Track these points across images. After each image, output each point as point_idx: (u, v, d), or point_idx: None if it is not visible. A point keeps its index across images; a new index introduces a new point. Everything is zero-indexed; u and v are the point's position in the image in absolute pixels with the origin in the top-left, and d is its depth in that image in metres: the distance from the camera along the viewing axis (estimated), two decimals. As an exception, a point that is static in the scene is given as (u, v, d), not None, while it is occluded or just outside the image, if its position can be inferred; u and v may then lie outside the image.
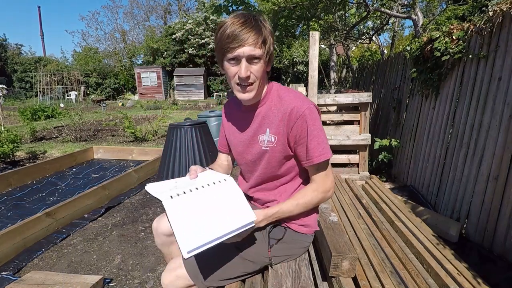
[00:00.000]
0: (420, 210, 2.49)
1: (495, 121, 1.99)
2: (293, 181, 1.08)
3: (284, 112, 0.96)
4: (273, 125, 0.99)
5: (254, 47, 0.87)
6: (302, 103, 0.95)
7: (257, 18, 0.90)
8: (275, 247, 1.05)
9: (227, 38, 0.87)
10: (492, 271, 1.75)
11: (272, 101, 1.01)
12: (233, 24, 0.87)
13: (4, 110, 10.68)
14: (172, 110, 11.58)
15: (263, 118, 1.01)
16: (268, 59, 0.93)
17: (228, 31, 0.86)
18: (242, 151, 1.10)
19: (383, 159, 3.57)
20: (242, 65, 0.89)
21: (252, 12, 0.97)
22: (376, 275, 1.56)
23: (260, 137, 1.02)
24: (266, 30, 0.90)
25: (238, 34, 0.86)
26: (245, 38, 0.86)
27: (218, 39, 0.91)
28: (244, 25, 0.86)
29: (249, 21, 0.88)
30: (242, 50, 0.87)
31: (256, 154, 1.05)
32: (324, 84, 11.41)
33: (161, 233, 1.17)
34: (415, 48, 3.02)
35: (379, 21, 6.84)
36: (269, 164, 1.03)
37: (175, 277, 0.96)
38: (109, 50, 26.63)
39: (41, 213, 2.28)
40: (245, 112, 1.06)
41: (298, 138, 0.96)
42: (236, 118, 1.12)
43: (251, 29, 0.87)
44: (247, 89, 0.94)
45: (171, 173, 3.09)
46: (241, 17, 0.88)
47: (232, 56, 0.89)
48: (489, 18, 2.10)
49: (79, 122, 6.47)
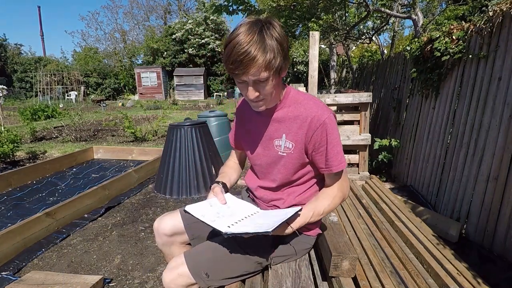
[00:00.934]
0: (420, 210, 2.49)
1: (495, 121, 1.99)
2: (303, 185, 1.09)
3: (304, 120, 0.96)
4: (291, 132, 0.99)
5: (258, 72, 0.83)
6: (323, 112, 0.95)
7: (262, 30, 0.82)
8: (278, 248, 1.05)
9: (231, 64, 0.83)
10: (492, 271, 1.75)
11: (290, 106, 1.00)
12: (238, 46, 0.80)
13: (4, 110, 10.68)
14: (172, 110, 11.59)
15: (280, 123, 1.01)
16: (279, 71, 0.87)
17: (232, 54, 0.81)
18: (258, 153, 1.10)
19: (383, 159, 3.57)
20: (249, 89, 0.88)
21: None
22: (376, 275, 1.56)
23: (275, 141, 1.02)
24: (273, 41, 0.82)
25: (241, 62, 0.80)
26: (248, 64, 0.81)
27: (224, 57, 0.86)
28: (247, 51, 0.79)
29: (254, 41, 0.80)
30: (246, 77, 0.84)
31: (271, 157, 1.05)
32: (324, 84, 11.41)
33: (162, 233, 1.17)
34: (415, 48, 3.02)
35: (379, 21, 6.84)
36: (284, 169, 1.04)
37: (176, 275, 0.96)
38: (109, 50, 26.64)
39: (41, 213, 2.28)
40: (262, 115, 1.05)
41: (317, 146, 0.97)
42: (252, 119, 1.11)
43: (254, 53, 0.80)
44: (258, 103, 0.94)
45: (171, 173, 3.10)
46: (246, 35, 0.80)
47: (239, 81, 0.88)
48: (489, 18, 2.10)
49: (79, 122, 6.47)
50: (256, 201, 1.19)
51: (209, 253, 0.99)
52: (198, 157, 3.11)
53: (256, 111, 1.06)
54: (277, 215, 0.96)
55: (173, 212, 1.21)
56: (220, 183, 1.12)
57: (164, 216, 1.19)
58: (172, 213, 1.21)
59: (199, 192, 3.09)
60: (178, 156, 3.08)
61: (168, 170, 3.12)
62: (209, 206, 1.02)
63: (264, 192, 1.13)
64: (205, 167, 3.14)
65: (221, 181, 1.14)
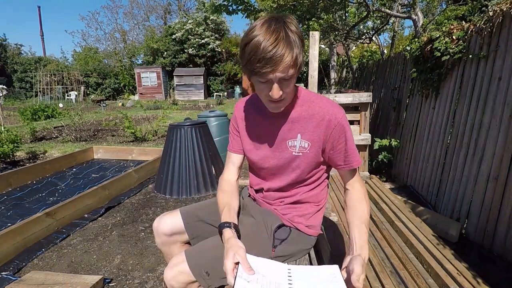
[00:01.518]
0: (420, 210, 2.49)
1: (495, 121, 1.99)
2: (313, 183, 1.09)
3: (321, 118, 0.97)
4: (307, 131, 0.98)
5: (287, 69, 0.80)
6: (338, 110, 0.97)
7: (287, 28, 0.80)
8: (278, 247, 1.05)
9: (258, 62, 0.78)
10: (492, 271, 1.75)
11: (303, 105, 1.00)
12: (264, 41, 0.77)
13: (4, 110, 10.68)
14: (172, 110, 11.57)
15: (293, 123, 1.00)
16: (298, 69, 0.86)
17: (259, 52, 0.78)
18: (267, 155, 1.07)
19: (383, 159, 3.57)
20: (273, 88, 0.85)
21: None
22: (376, 275, 1.56)
23: (289, 142, 1.01)
24: (297, 42, 0.81)
25: (270, 58, 0.77)
26: (277, 62, 0.78)
27: (246, 58, 0.81)
28: (276, 46, 0.77)
29: (281, 38, 0.78)
30: (274, 75, 0.81)
31: (285, 159, 1.03)
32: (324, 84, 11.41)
33: (161, 232, 1.17)
34: (415, 48, 3.02)
35: (379, 21, 6.84)
36: (299, 169, 1.03)
37: (177, 272, 0.96)
38: (109, 50, 26.65)
39: (41, 213, 2.28)
40: (271, 116, 1.02)
41: (335, 144, 0.98)
42: (258, 122, 1.08)
43: (283, 49, 0.78)
44: (278, 105, 0.92)
45: (171, 173, 3.10)
46: (272, 33, 0.78)
47: (263, 80, 0.84)
48: (489, 18, 2.10)
49: (79, 122, 6.47)
50: (258, 200, 1.18)
51: (210, 252, 0.99)
52: (198, 157, 3.11)
53: (262, 115, 1.05)
54: (325, 280, 0.80)
55: (173, 211, 1.21)
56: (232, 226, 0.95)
57: (164, 216, 1.19)
58: (171, 212, 1.20)
59: (199, 192, 3.09)
60: (178, 156, 3.08)
61: (168, 170, 3.12)
62: (247, 283, 0.81)
63: (269, 192, 1.12)
64: (205, 167, 3.14)
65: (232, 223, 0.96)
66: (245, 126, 1.11)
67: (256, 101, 1.09)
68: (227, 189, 1.11)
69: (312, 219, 1.10)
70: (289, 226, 1.08)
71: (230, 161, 1.16)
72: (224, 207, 1.03)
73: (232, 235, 0.92)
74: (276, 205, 1.11)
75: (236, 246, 0.86)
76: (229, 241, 0.89)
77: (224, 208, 1.02)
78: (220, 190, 1.12)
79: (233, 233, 0.93)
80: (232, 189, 1.11)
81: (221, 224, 0.96)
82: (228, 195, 1.09)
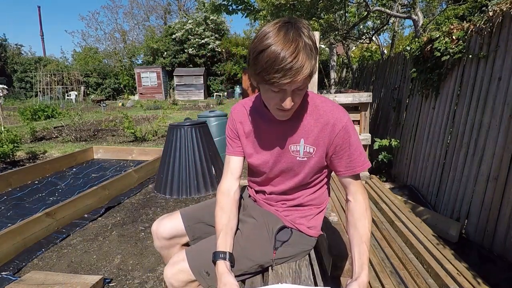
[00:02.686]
0: (420, 210, 2.49)
1: (495, 121, 1.99)
2: (314, 187, 1.08)
3: (325, 123, 0.94)
4: (311, 136, 0.96)
5: (304, 80, 0.78)
6: (343, 114, 0.95)
7: (305, 38, 0.76)
8: (279, 250, 1.04)
9: (276, 72, 0.74)
10: (492, 271, 1.75)
11: (307, 110, 0.97)
12: (283, 52, 0.73)
13: (4, 110, 10.68)
14: (172, 110, 11.58)
15: (297, 128, 0.97)
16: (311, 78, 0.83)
17: (278, 64, 0.73)
18: (268, 160, 1.04)
19: (383, 159, 3.57)
20: (286, 98, 0.81)
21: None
22: (376, 275, 1.56)
23: (291, 147, 0.99)
24: (314, 51, 0.78)
25: (289, 69, 0.74)
26: (297, 73, 0.75)
27: (261, 66, 0.76)
28: (296, 57, 0.73)
29: (301, 48, 0.74)
30: (290, 86, 0.78)
31: (288, 163, 1.01)
32: (324, 84, 11.41)
33: (160, 236, 1.16)
34: (415, 48, 3.02)
35: (379, 21, 6.84)
36: (303, 173, 1.02)
37: (177, 270, 0.96)
38: (109, 50, 26.62)
39: (41, 213, 2.28)
40: (273, 120, 0.99)
41: (338, 149, 0.95)
42: (260, 125, 1.04)
43: (303, 61, 0.74)
44: (287, 113, 0.89)
45: (171, 173, 3.10)
46: (291, 42, 0.74)
47: (276, 90, 0.80)
48: (489, 18, 2.10)
49: (79, 122, 6.47)
50: (259, 202, 1.17)
51: (210, 252, 0.99)
52: (198, 157, 3.11)
53: (265, 119, 1.02)
54: None
55: (172, 214, 1.20)
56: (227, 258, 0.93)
57: (163, 219, 1.18)
58: (170, 215, 1.19)
59: (199, 192, 3.09)
60: (178, 156, 3.08)
61: (168, 170, 3.12)
62: None
63: (272, 195, 1.11)
64: (205, 167, 3.14)
65: (228, 253, 0.95)
66: (245, 129, 1.07)
67: (258, 105, 1.05)
68: (226, 206, 1.04)
69: (314, 220, 1.09)
70: (291, 227, 1.08)
71: (229, 168, 1.08)
72: (221, 231, 0.99)
73: (226, 270, 0.90)
74: (278, 206, 1.11)
75: (229, 284, 0.86)
76: (222, 277, 0.88)
77: (221, 232, 0.99)
78: (218, 206, 1.04)
79: (227, 268, 0.91)
80: (231, 206, 1.05)
81: (216, 253, 0.94)
82: (227, 214, 1.02)
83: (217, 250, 0.95)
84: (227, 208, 1.04)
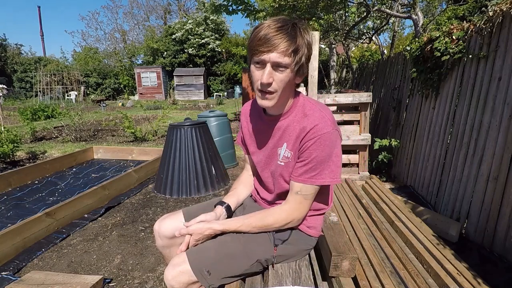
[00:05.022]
0: (420, 210, 2.49)
1: (495, 121, 1.99)
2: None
3: (303, 129, 0.94)
4: (291, 141, 0.98)
5: (282, 54, 0.83)
6: (325, 125, 0.91)
7: (296, 26, 0.86)
8: (280, 247, 1.05)
9: (258, 40, 0.84)
10: (492, 271, 1.75)
11: (296, 116, 0.98)
12: (268, 27, 0.84)
13: (4, 110, 10.68)
14: (172, 110, 11.57)
15: (284, 132, 1.00)
16: (297, 70, 0.89)
17: (261, 33, 0.84)
18: (262, 160, 1.09)
19: (383, 159, 3.57)
20: (265, 71, 0.86)
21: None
22: (376, 275, 1.56)
23: (278, 149, 1.02)
24: (303, 40, 0.86)
25: (270, 39, 0.82)
26: (275, 43, 0.82)
27: (250, 39, 0.88)
28: (279, 31, 0.83)
29: (286, 27, 0.84)
30: (268, 56, 0.84)
31: (275, 166, 1.04)
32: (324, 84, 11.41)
33: (162, 235, 1.16)
34: (415, 48, 3.02)
35: (379, 21, 6.84)
36: (282, 178, 1.03)
37: (178, 272, 0.96)
38: (109, 50, 26.65)
39: (41, 213, 2.28)
40: (267, 122, 1.04)
41: (300, 153, 0.95)
42: (258, 126, 1.10)
43: (284, 35, 0.83)
44: (266, 97, 0.91)
45: (171, 173, 3.10)
46: (279, 22, 0.85)
47: (258, 59, 0.86)
48: (489, 18, 2.10)
49: (79, 122, 6.47)
50: (258, 202, 1.20)
51: (211, 252, 0.99)
52: (198, 157, 3.11)
53: (262, 119, 1.06)
54: None
55: (174, 213, 1.20)
56: (225, 205, 1.13)
57: (165, 218, 1.19)
58: (172, 214, 1.20)
59: (199, 192, 3.09)
60: (178, 156, 3.08)
61: (168, 170, 3.12)
62: None
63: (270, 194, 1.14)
64: (205, 167, 3.14)
65: (227, 203, 1.14)
66: (248, 128, 1.15)
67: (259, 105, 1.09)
68: (242, 178, 1.27)
69: (313, 220, 1.10)
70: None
71: (246, 160, 1.28)
72: (231, 191, 1.21)
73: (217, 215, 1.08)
74: (275, 205, 1.12)
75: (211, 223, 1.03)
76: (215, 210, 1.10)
77: (230, 192, 1.21)
78: (237, 179, 1.29)
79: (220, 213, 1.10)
80: (247, 180, 1.26)
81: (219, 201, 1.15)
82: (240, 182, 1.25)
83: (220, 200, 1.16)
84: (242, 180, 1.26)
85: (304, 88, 4.85)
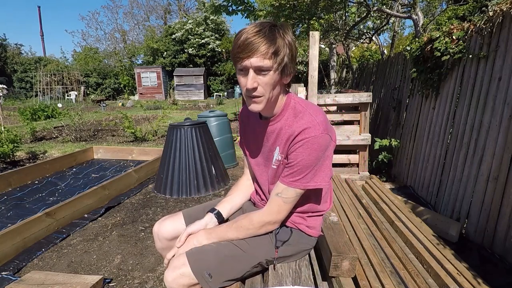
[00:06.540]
0: (420, 210, 2.49)
1: (495, 121, 1.99)
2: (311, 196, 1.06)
3: (293, 132, 0.92)
4: (282, 144, 0.97)
5: (262, 58, 0.83)
6: (314, 128, 0.88)
7: (274, 28, 0.85)
8: (281, 248, 1.05)
9: (238, 47, 0.84)
10: (492, 271, 1.75)
11: (288, 118, 0.96)
12: (246, 33, 0.84)
13: (4, 110, 10.67)
14: (172, 110, 11.58)
15: (277, 135, 0.99)
16: (281, 70, 0.88)
17: (240, 40, 0.84)
18: (259, 163, 1.10)
19: (383, 159, 3.57)
20: (249, 76, 0.86)
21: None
22: (376, 275, 1.56)
23: (273, 153, 1.02)
24: (283, 41, 0.85)
25: (248, 44, 0.82)
26: (254, 48, 0.82)
27: (232, 47, 0.88)
28: (256, 34, 0.83)
29: (264, 30, 0.83)
30: (249, 61, 0.84)
31: (270, 170, 1.05)
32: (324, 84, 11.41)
33: (162, 237, 1.16)
34: (415, 48, 3.02)
35: (379, 21, 6.84)
36: (273, 183, 1.03)
37: (179, 275, 0.95)
38: (109, 50, 26.64)
39: (41, 213, 2.28)
40: (263, 125, 1.03)
41: (288, 156, 0.94)
42: (255, 129, 1.09)
43: (262, 38, 0.82)
44: (254, 101, 0.90)
45: (171, 173, 3.10)
46: (257, 26, 0.85)
47: (240, 67, 0.86)
48: (489, 18, 2.10)
49: (79, 122, 6.47)
50: (257, 204, 1.19)
51: (212, 254, 0.98)
52: (198, 157, 3.11)
53: (258, 122, 1.06)
54: None
55: (174, 215, 1.20)
56: (215, 212, 1.13)
57: (164, 220, 1.18)
58: (172, 216, 1.20)
59: (199, 192, 3.09)
60: (178, 156, 3.08)
61: (168, 170, 3.12)
62: None
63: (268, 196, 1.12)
64: (205, 167, 3.14)
65: (217, 209, 1.14)
66: (245, 130, 1.16)
67: None
68: (240, 183, 1.26)
69: (313, 220, 1.10)
70: (290, 227, 1.08)
71: (245, 164, 1.27)
72: (226, 197, 1.21)
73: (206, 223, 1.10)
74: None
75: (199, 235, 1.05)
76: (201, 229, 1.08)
77: (225, 198, 1.21)
78: (235, 184, 1.28)
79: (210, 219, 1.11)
80: (244, 186, 1.24)
81: (210, 208, 1.15)
82: (237, 189, 1.24)
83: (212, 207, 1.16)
84: (239, 186, 1.24)
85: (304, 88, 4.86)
